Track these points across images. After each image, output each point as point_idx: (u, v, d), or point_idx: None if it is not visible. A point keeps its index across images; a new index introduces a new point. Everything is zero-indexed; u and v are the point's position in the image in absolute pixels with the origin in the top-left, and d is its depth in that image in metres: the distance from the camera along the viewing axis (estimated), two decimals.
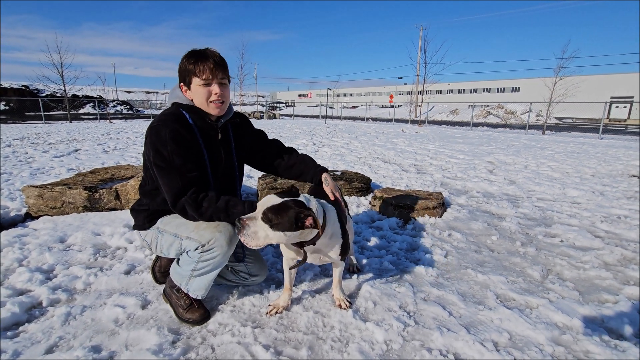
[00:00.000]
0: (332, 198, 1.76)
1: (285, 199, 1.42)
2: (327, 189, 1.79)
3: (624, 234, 3.01)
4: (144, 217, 1.73)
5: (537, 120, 26.43)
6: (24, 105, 31.25)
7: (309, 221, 1.40)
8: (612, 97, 37.02)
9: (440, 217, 3.38)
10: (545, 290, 2.05)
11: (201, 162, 1.62)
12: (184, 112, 1.61)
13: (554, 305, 1.86)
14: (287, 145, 2.04)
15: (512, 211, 3.62)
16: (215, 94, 1.59)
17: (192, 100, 1.63)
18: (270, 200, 1.41)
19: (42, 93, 34.27)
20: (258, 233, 1.38)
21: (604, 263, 2.45)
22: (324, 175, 1.83)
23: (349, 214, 2.12)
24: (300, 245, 1.53)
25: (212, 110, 1.63)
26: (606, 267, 2.37)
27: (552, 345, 1.55)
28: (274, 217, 1.37)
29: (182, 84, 1.63)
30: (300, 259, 1.62)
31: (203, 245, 1.55)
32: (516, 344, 1.57)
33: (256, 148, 1.93)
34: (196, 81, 1.56)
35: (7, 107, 31.72)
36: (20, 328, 1.62)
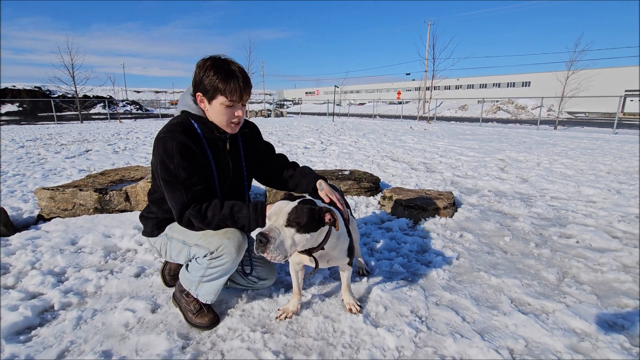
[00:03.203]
0: (326, 200, 1.68)
1: (296, 201, 1.39)
2: (321, 193, 1.70)
3: None
4: (153, 225, 1.73)
5: (549, 115, 25.91)
6: (37, 106, 31.89)
7: (327, 217, 1.39)
8: (626, 91, 36.08)
9: (451, 217, 3.32)
10: (562, 294, 1.99)
11: (208, 174, 1.58)
12: (193, 122, 1.57)
13: (571, 310, 1.80)
14: (295, 144, 1.99)
15: (525, 211, 3.54)
16: (238, 116, 1.55)
17: (204, 111, 1.57)
18: (285, 205, 1.36)
19: (54, 94, 34.91)
20: (285, 243, 1.32)
21: (623, 265, 2.37)
22: (319, 181, 1.74)
23: (352, 214, 2.08)
24: (309, 252, 1.50)
25: (229, 129, 1.58)
26: (625, 270, 2.30)
27: (571, 353, 1.50)
28: (299, 220, 1.32)
29: (199, 93, 1.53)
30: (308, 263, 1.59)
31: (212, 253, 1.54)
32: (533, 351, 1.52)
33: (261, 161, 1.87)
34: (221, 100, 1.48)
35: (20, 108, 32.38)
36: (33, 332, 1.63)
